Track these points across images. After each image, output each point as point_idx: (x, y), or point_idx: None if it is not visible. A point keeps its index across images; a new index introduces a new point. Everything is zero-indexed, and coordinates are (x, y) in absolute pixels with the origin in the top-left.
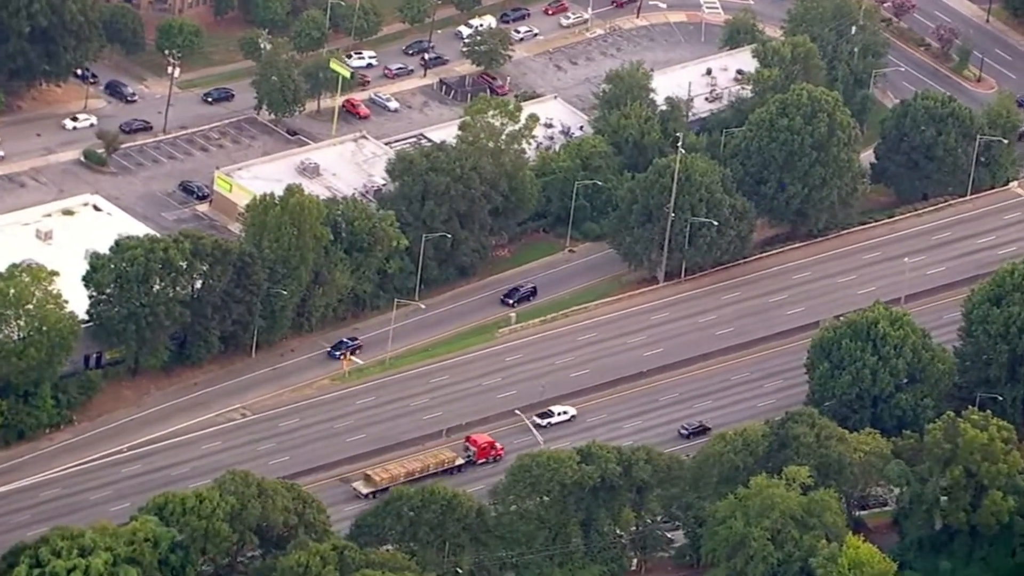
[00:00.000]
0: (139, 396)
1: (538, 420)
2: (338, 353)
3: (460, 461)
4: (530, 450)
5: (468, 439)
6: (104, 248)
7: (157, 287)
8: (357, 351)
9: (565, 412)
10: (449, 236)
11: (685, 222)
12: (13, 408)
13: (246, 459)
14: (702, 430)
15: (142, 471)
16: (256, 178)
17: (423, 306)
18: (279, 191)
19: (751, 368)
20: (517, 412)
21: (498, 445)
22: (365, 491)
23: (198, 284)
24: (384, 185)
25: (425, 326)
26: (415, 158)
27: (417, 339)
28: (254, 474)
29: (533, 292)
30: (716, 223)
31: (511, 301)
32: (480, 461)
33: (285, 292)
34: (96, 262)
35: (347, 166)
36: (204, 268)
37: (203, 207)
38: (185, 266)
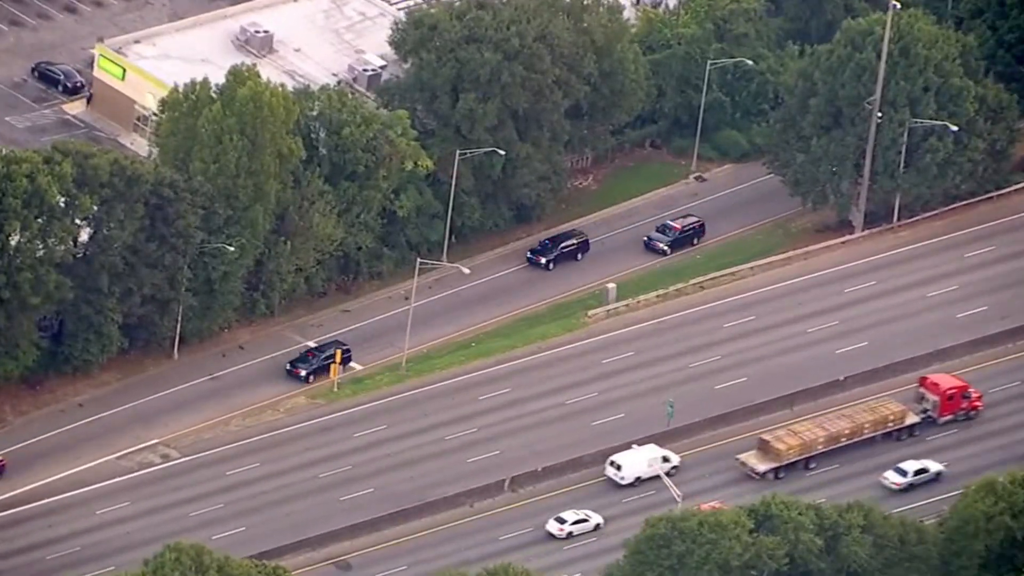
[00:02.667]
0: None
1: None
2: None
3: (912, 419)
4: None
5: (923, 382)
6: None
7: (18, 239)
8: None
9: None
10: (501, 152)
11: (900, 128)
12: None
13: (174, 531)
14: None
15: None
16: (166, 56)
17: (467, 271)
18: (215, 78)
19: None
20: (635, 447)
21: (973, 392)
22: (762, 468)
23: (85, 235)
24: (384, 67)
25: (464, 306)
26: (439, 21)
27: (451, 329)
28: (211, 551)
29: (347, 355)
30: (954, 128)
31: (299, 371)
32: (944, 418)
33: (231, 248)
34: None
35: (320, 36)
36: (96, 207)
37: (75, 106)
38: (64, 204)
